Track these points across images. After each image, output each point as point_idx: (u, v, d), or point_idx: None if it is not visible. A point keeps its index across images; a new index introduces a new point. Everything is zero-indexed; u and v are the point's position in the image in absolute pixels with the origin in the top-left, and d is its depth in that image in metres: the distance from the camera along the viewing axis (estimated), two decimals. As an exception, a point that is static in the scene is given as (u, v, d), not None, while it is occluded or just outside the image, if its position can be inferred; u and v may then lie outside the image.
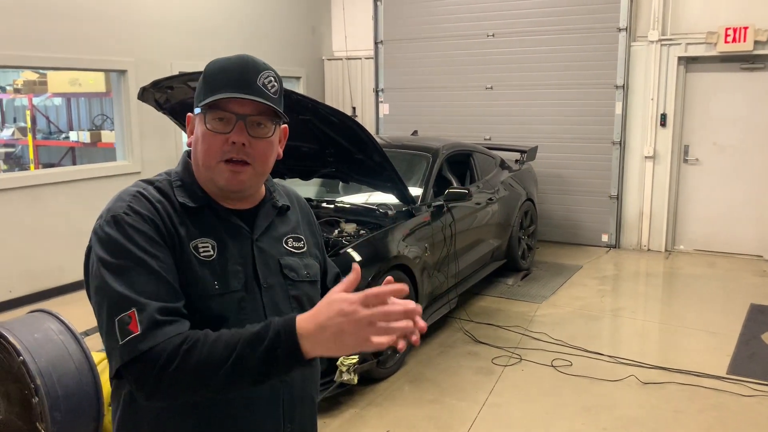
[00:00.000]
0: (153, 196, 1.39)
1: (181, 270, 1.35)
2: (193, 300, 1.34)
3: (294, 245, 1.55)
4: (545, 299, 5.96)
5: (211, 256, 1.39)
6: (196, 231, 1.40)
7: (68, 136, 9.45)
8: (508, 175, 6.60)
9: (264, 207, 1.52)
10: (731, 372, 4.42)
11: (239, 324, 1.34)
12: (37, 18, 5.84)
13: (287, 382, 1.45)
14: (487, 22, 8.10)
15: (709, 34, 6.97)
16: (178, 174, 1.47)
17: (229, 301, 1.38)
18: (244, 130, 1.38)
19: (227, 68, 1.40)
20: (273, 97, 1.41)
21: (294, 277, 1.51)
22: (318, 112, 4.22)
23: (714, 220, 7.48)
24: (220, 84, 1.38)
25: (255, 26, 8.21)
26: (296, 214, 1.62)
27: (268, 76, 1.41)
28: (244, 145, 1.38)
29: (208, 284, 1.36)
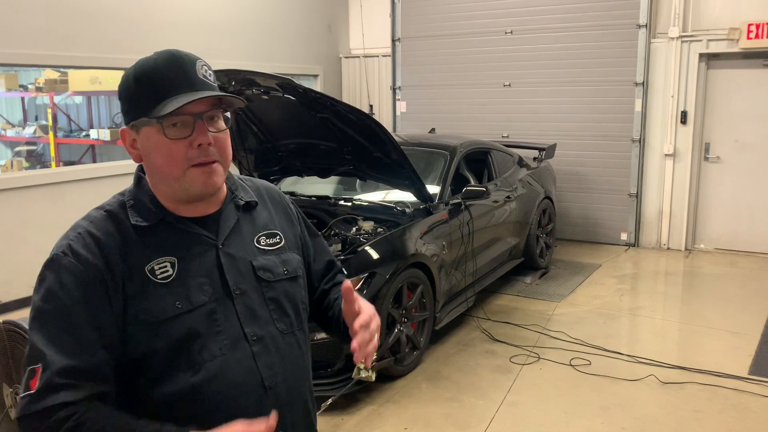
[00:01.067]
0: (100, 229, 1.32)
1: (137, 299, 1.29)
2: (156, 324, 1.30)
3: (268, 242, 1.49)
4: (563, 298, 5.92)
5: (169, 275, 1.33)
6: (152, 252, 1.33)
7: (88, 134, 9.55)
8: (526, 173, 6.57)
9: (226, 209, 1.44)
10: (753, 372, 4.37)
11: (213, 336, 1.33)
12: (59, 17, 5.91)
13: (273, 388, 1.40)
14: (505, 19, 8.06)
15: (731, 30, 6.88)
16: (132, 192, 1.40)
17: (197, 316, 1.33)
18: (206, 129, 1.32)
19: (162, 70, 1.31)
20: (214, 84, 1.36)
21: (269, 277, 1.45)
22: (336, 111, 4.23)
23: (735, 218, 7.39)
24: (165, 88, 1.29)
25: (273, 24, 8.25)
26: (267, 209, 1.54)
27: (202, 65, 1.36)
28: (210, 145, 1.32)
29: (168, 306, 1.31)
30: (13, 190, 5.69)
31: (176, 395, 1.32)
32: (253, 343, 1.38)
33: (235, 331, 1.37)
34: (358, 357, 1.37)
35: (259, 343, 1.39)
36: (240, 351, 1.37)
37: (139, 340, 1.29)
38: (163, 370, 1.31)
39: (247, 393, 1.37)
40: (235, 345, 1.37)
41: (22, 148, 10.19)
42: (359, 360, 1.38)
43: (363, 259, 4.10)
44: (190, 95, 1.29)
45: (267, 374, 1.39)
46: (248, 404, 1.37)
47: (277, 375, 1.41)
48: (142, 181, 1.40)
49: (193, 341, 1.32)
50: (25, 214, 5.77)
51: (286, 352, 1.44)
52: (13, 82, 9.84)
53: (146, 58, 1.35)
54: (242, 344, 1.37)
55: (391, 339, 4.19)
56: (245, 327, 1.38)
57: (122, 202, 1.38)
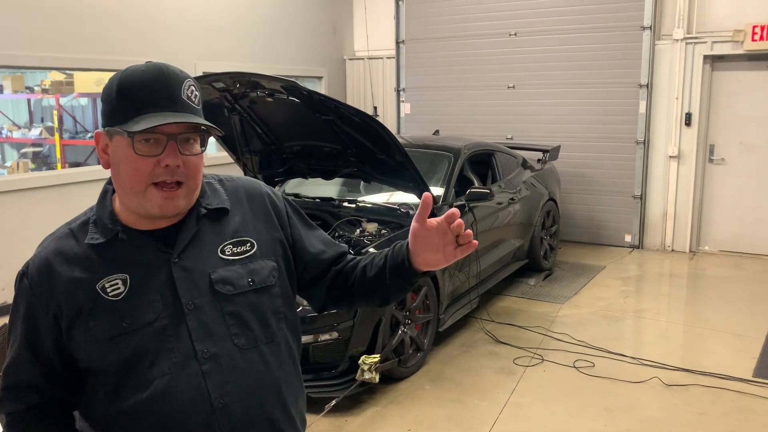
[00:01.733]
0: (58, 249, 1.37)
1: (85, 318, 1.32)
2: (104, 341, 1.31)
3: (234, 251, 1.42)
4: (567, 300, 5.92)
5: (120, 293, 1.32)
6: (104, 269, 1.34)
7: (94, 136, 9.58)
8: (530, 175, 6.57)
9: (187, 220, 1.40)
10: (757, 375, 4.36)
11: (165, 354, 1.33)
12: (64, 20, 5.94)
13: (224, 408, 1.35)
14: (509, 21, 8.06)
15: (735, 32, 6.87)
16: (95, 209, 1.41)
17: (146, 334, 1.32)
18: (176, 150, 1.29)
19: (147, 83, 1.29)
20: (198, 108, 1.34)
21: (229, 290, 1.38)
22: (340, 113, 4.24)
23: (740, 220, 7.37)
24: (145, 103, 1.28)
25: (277, 26, 8.27)
26: (242, 212, 1.48)
27: (189, 85, 1.33)
28: (178, 167, 1.30)
29: (115, 324, 1.31)
30: (19, 191, 5.72)
31: (129, 411, 1.34)
32: (203, 362, 1.34)
33: (186, 349, 1.34)
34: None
35: (210, 361, 1.35)
36: (189, 369, 1.34)
37: (90, 356, 1.33)
38: (115, 385, 1.33)
39: (194, 412, 1.33)
40: (184, 363, 1.33)
41: (28, 150, 10.23)
42: None
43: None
44: (166, 116, 1.27)
45: (217, 393, 1.34)
46: (196, 424, 1.33)
47: (230, 394, 1.35)
48: (107, 197, 1.41)
49: (142, 359, 1.32)
50: (31, 216, 5.80)
51: (245, 370, 1.38)
52: (19, 83, 9.88)
53: (135, 67, 1.33)
54: (192, 362, 1.34)
55: (394, 341, 4.20)
56: (196, 344, 1.34)
57: (87, 218, 1.41)
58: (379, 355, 3.92)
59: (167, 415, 1.32)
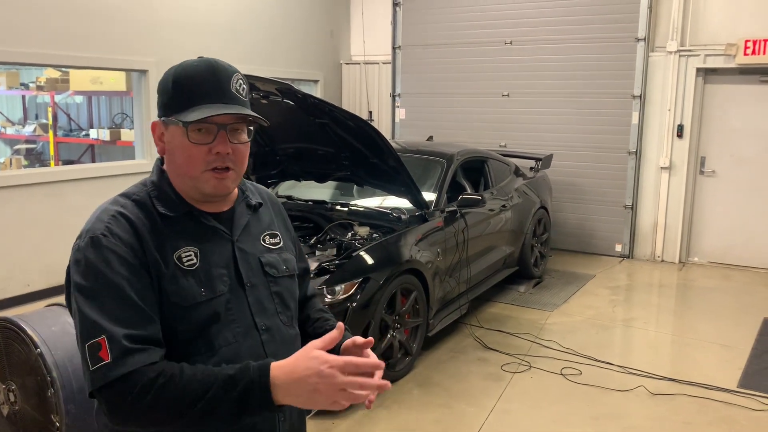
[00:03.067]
0: (133, 214, 1.40)
1: (167, 282, 1.38)
2: (182, 309, 1.39)
3: (271, 242, 1.60)
4: (556, 307, 5.95)
5: (194, 264, 1.42)
6: (178, 240, 1.43)
7: (88, 134, 9.58)
8: (522, 183, 6.61)
9: (239, 207, 1.56)
10: (742, 385, 4.40)
11: (229, 324, 1.44)
12: (61, 17, 5.95)
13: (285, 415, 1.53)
14: (505, 30, 8.12)
15: (728, 46, 6.94)
16: (154, 184, 1.48)
17: (217, 304, 1.43)
18: (226, 138, 1.42)
19: (199, 77, 1.41)
20: (245, 99, 1.46)
21: (274, 273, 1.56)
22: (334, 116, 4.27)
23: (730, 232, 7.43)
24: (197, 95, 1.40)
25: (275, 29, 8.29)
26: (269, 211, 1.66)
27: (237, 79, 1.45)
28: (228, 154, 1.42)
29: (195, 292, 1.40)
30: (11, 188, 5.70)
31: None
32: (262, 332, 1.50)
33: (247, 321, 1.48)
34: None
35: (267, 333, 1.51)
36: (251, 339, 1.48)
37: (165, 321, 1.38)
38: (182, 350, 1.39)
39: None
40: (247, 333, 1.47)
41: (21, 146, 10.21)
42: None
43: (357, 264, 4.13)
44: (217, 107, 1.39)
45: None
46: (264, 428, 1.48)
47: None
48: (164, 174, 1.49)
49: (211, 327, 1.42)
50: (23, 213, 5.79)
51: (288, 343, 1.55)
52: (14, 80, 9.88)
53: (188, 61, 1.46)
54: (253, 333, 1.48)
55: (383, 344, 4.21)
56: (255, 317, 1.49)
57: (147, 192, 1.47)
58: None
59: None
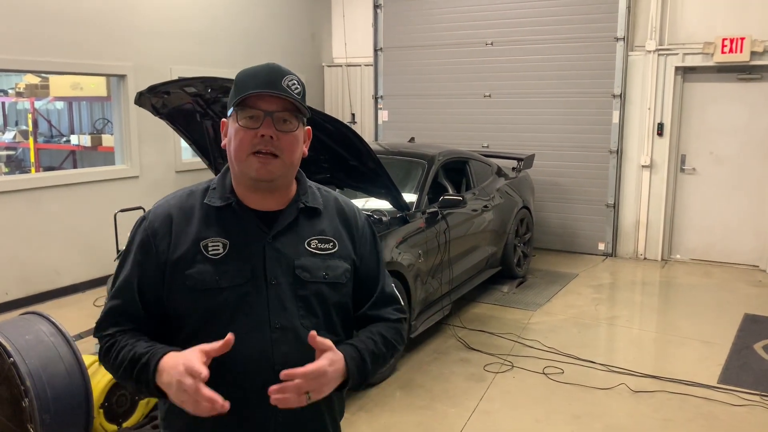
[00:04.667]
0: (176, 205, 1.61)
1: (186, 266, 1.55)
2: (196, 292, 1.54)
3: (319, 246, 1.63)
4: (539, 307, 5.97)
5: (219, 253, 1.55)
6: (213, 230, 1.57)
7: (69, 140, 9.49)
8: (504, 183, 6.63)
9: (289, 209, 1.62)
10: (722, 381, 4.43)
11: (242, 316, 1.54)
12: (40, 23, 5.89)
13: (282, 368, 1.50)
14: (485, 31, 8.14)
15: (706, 45, 7.01)
16: (217, 179, 1.66)
17: (231, 294, 1.54)
18: (272, 124, 1.52)
19: (255, 73, 1.56)
20: (297, 97, 1.55)
21: (306, 277, 1.59)
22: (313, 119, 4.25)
23: (711, 229, 7.49)
24: (249, 86, 1.53)
25: (255, 32, 8.27)
26: (330, 219, 1.69)
27: (292, 79, 1.56)
28: (272, 138, 1.52)
29: (210, 278, 1.54)
30: (-9, 195, 5.64)
31: None
32: (274, 330, 1.55)
33: (262, 316, 1.55)
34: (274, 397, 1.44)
35: (280, 332, 1.55)
36: (261, 333, 1.54)
37: (182, 302, 1.56)
38: (194, 331, 1.54)
39: (257, 373, 1.52)
40: (257, 328, 1.54)
41: (1, 153, 10.09)
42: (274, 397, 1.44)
43: (337, 267, 4.11)
44: (259, 90, 1.51)
45: (279, 361, 1.52)
46: (256, 384, 1.51)
47: (290, 365, 1.46)
48: (228, 172, 1.65)
49: (223, 313, 1.53)
50: (2, 220, 5.72)
51: (306, 348, 1.51)
52: (-7, 86, 9.77)
53: (252, 66, 1.60)
54: (264, 328, 1.54)
55: (365, 347, 4.20)
56: (272, 315, 1.55)
57: (208, 186, 1.65)
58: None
59: (233, 369, 1.51)
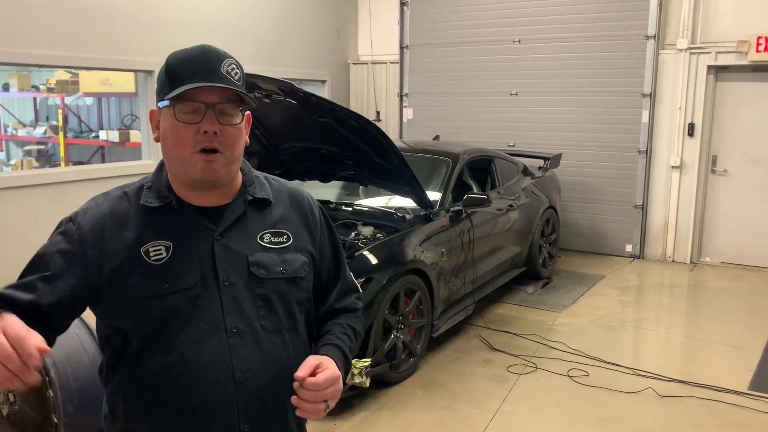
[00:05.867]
0: (109, 208, 1.45)
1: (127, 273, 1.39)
2: (141, 300, 1.39)
3: (272, 240, 1.51)
4: (565, 308, 5.89)
5: (162, 258, 1.41)
6: (152, 233, 1.42)
7: (98, 135, 9.62)
8: (530, 182, 6.55)
9: (235, 203, 1.50)
10: (753, 388, 4.32)
11: (194, 321, 1.40)
12: (71, 18, 5.97)
13: (243, 383, 1.42)
14: (513, 28, 8.05)
15: (740, 43, 6.84)
16: (152, 177, 1.52)
17: (180, 298, 1.40)
18: (215, 118, 1.38)
19: (190, 59, 1.40)
20: (237, 83, 1.41)
21: (263, 274, 1.47)
22: (338, 115, 4.25)
23: (742, 232, 7.32)
24: (185, 75, 1.38)
25: (281, 29, 8.28)
26: (282, 209, 1.57)
27: (230, 63, 1.42)
28: (216, 134, 1.39)
29: (154, 285, 1.39)
30: (22, 188, 5.73)
31: (153, 373, 1.40)
32: (231, 335, 1.42)
33: (216, 320, 1.41)
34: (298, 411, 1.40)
35: (237, 336, 1.42)
36: (217, 339, 1.41)
37: (125, 316, 1.40)
38: (142, 345, 1.40)
39: (216, 381, 1.40)
40: (213, 333, 1.41)
41: (32, 148, 10.28)
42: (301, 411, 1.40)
43: (360, 264, 4.09)
44: (201, 83, 1.37)
45: (240, 367, 1.41)
46: (215, 394, 1.40)
47: (251, 370, 1.42)
48: (163, 169, 1.50)
49: (173, 321, 1.39)
50: (33, 213, 5.81)
51: (267, 350, 1.45)
52: (25, 82, 9.94)
53: (182, 49, 1.45)
54: (220, 333, 1.41)
55: (386, 345, 4.18)
56: (227, 318, 1.42)
57: (142, 185, 1.50)
58: (370, 359, 3.90)
59: (189, 381, 1.39)
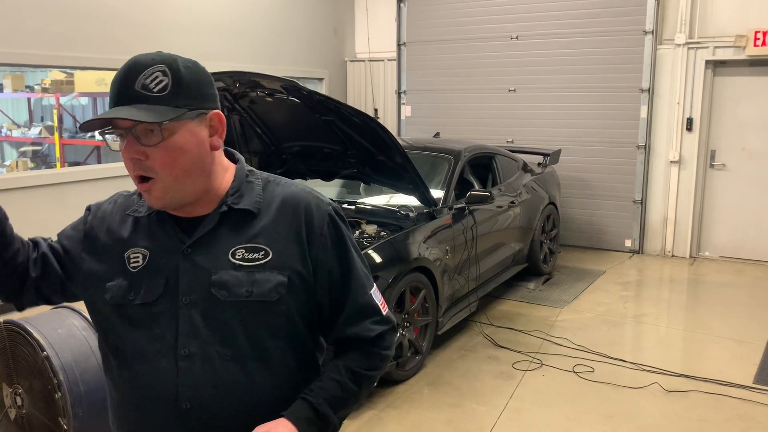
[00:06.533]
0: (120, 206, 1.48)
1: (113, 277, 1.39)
2: (110, 307, 1.38)
3: (244, 257, 1.34)
4: (567, 304, 5.89)
5: (138, 266, 1.36)
6: (136, 240, 1.40)
7: (94, 135, 9.56)
8: (530, 179, 6.55)
9: (212, 214, 1.37)
10: (758, 381, 4.33)
11: (152, 337, 1.33)
12: (65, 18, 5.92)
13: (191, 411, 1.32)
14: (510, 25, 8.05)
15: (738, 38, 6.85)
16: None
17: (142, 312, 1.33)
18: (135, 143, 1.26)
19: (115, 79, 1.29)
20: (158, 95, 1.25)
21: (223, 296, 1.31)
22: (340, 113, 4.22)
23: (741, 226, 7.35)
24: (110, 99, 1.29)
25: (278, 28, 8.25)
26: (267, 220, 1.38)
27: (152, 72, 1.26)
28: (144, 159, 1.27)
29: (123, 293, 1.36)
30: (18, 190, 5.69)
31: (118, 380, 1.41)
32: (181, 358, 1.31)
33: (170, 341, 1.32)
34: None
35: (187, 360, 1.31)
36: (166, 362, 1.32)
37: (96, 314, 1.42)
38: (110, 351, 1.40)
39: (156, 406, 1.33)
40: (164, 354, 1.32)
41: (27, 149, 10.22)
42: None
43: (366, 263, 4.07)
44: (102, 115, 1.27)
45: (186, 394, 1.31)
46: (158, 419, 1.34)
47: (197, 399, 1.31)
48: None
49: (130, 335, 1.35)
50: (29, 215, 5.77)
51: (224, 379, 1.32)
52: (19, 82, 9.87)
53: None
54: (170, 356, 1.32)
55: (393, 343, 4.16)
56: (180, 339, 1.32)
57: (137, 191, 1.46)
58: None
59: (139, 399, 1.36)
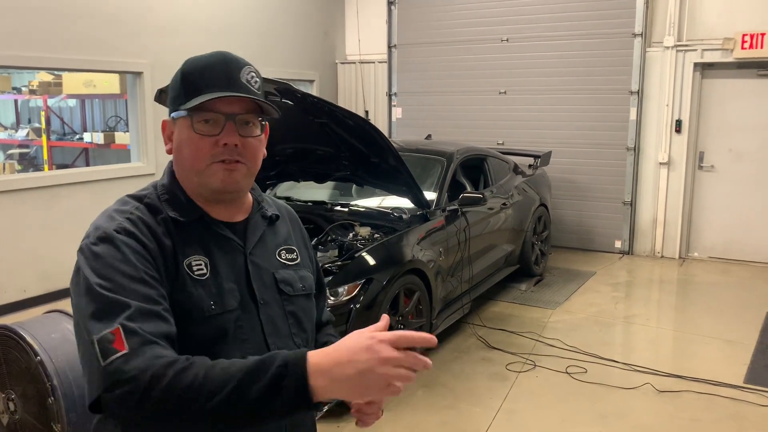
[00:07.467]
0: (146, 216, 1.31)
1: (177, 292, 1.26)
2: (190, 322, 1.26)
3: (287, 257, 1.48)
4: (559, 305, 5.92)
5: (204, 274, 1.30)
6: (187, 248, 1.31)
7: (82, 138, 9.50)
8: (521, 180, 6.57)
9: (254, 218, 1.44)
10: (748, 381, 4.37)
11: (238, 344, 1.30)
12: (54, 19, 5.87)
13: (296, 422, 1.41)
14: (501, 27, 8.08)
15: (725, 40, 6.92)
16: (165, 186, 1.39)
17: (227, 320, 1.31)
18: (235, 130, 1.31)
19: (208, 67, 1.33)
20: (258, 92, 1.34)
21: (290, 291, 1.43)
22: (334, 115, 4.22)
23: (729, 227, 7.42)
24: (203, 84, 1.31)
25: (269, 29, 8.23)
26: (286, 225, 1.55)
27: (250, 71, 1.35)
28: (236, 146, 1.31)
29: (205, 305, 1.28)
30: (5, 193, 5.62)
31: None
32: None
33: (259, 341, 1.35)
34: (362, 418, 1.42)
35: None
36: None
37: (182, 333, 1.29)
38: None
39: None
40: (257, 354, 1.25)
41: (14, 151, 10.12)
42: None
43: (360, 265, 4.08)
44: (222, 93, 1.29)
45: None
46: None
47: None
48: (175, 177, 1.39)
49: (218, 346, 1.28)
50: (17, 218, 5.71)
51: None
52: (6, 84, 9.79)
53: (199, 55, 1.38)
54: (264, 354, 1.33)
55: (387, 345, 4.16)
56: (268, 338, 1.36)
57: (157, 195, 1.37)
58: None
59: None
